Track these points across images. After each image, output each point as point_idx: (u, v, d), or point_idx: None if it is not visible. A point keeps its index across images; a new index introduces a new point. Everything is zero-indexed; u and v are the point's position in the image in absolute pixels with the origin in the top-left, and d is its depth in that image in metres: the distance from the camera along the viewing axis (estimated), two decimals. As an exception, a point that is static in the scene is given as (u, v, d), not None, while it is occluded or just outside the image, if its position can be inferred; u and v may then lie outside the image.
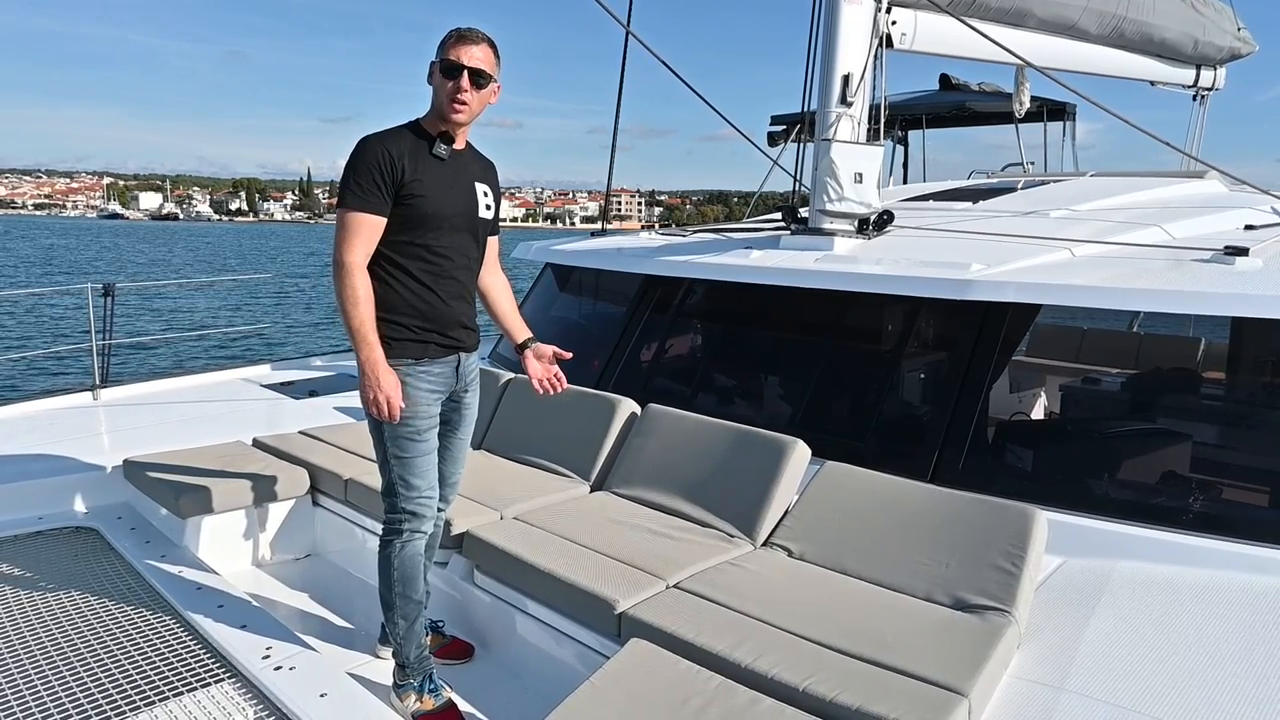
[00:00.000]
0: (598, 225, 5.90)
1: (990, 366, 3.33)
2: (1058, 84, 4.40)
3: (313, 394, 5.28)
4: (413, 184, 2.39)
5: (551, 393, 2.82)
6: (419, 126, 2.49)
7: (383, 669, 2.82)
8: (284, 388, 5.46)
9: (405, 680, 2.53)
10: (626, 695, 2.02)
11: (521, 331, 2.84)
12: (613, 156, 5.64)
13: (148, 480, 3.53)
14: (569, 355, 2.81)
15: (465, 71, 2.40)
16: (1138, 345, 5.94)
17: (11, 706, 2.26)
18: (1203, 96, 6.42)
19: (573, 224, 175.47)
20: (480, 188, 2.59)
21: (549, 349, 2.82)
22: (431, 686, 2.54)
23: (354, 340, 2.35)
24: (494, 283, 2.83)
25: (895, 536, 2.70)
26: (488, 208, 2.61)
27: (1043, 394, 5.18)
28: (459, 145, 2.53)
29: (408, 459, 2.48)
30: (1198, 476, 3.07)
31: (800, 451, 3.05)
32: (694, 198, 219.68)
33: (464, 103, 2.42)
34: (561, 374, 2.83)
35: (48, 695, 2.31)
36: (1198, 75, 6.12)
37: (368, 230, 2.37)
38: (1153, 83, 5.94)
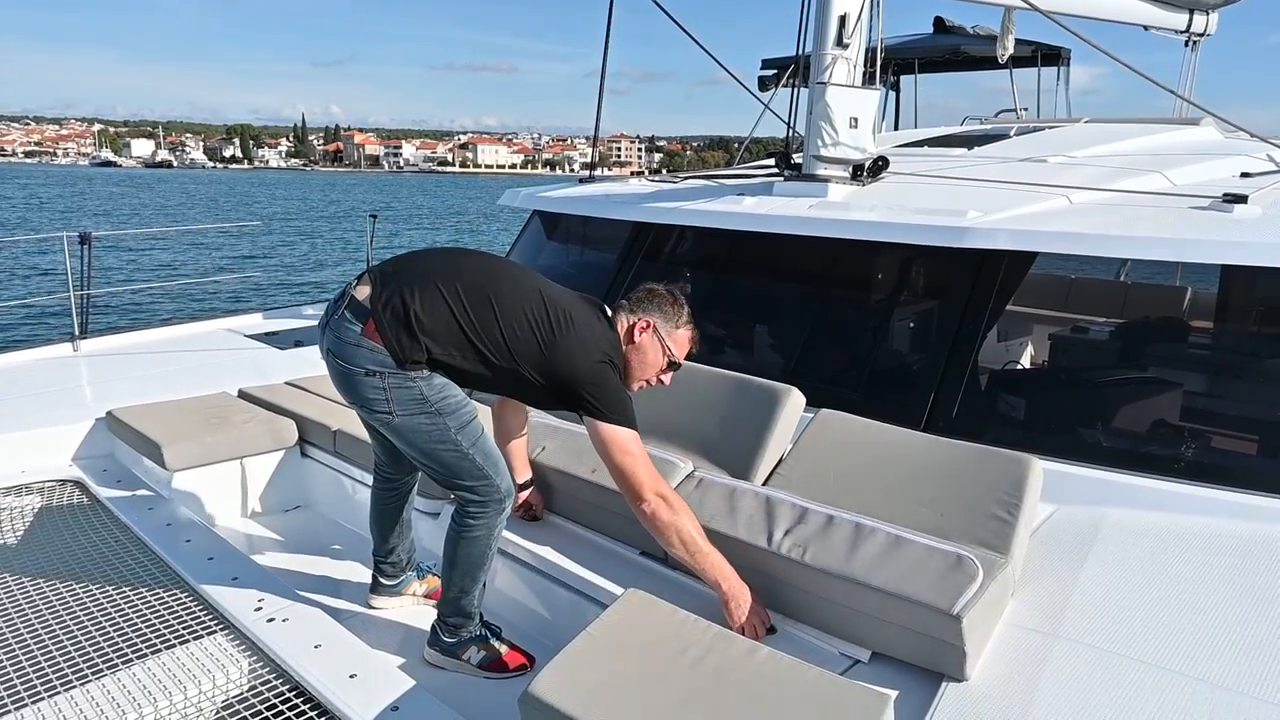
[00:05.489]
0: (598, 171, 5.76)
1: (986, 315, 3.29)
2: (1056, 24, 4.29)
3: (299, 344, 5.21)
4: None
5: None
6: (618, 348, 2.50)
7: (375, 620, 2.82)
8: (270, 338, 5.38)
9: (460, 635, 2.52)
10: (624, 645, 2.01)
11: (524, 471, 2.95)
12: (600, 100, 5.49)
13: (131, 432, 3.48)
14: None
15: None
16: (1126, 293, 5.92)
17: (1, 662, 2.23)
18: (1195, 42, 6.29)
19: (571, 170, 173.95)
20: None
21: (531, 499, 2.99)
22: (494, 629, 2.58)
23: (713, 574, 2.34)
24: (519, 422, 2.92)
25: (890, 484, 2.68)
26: None
27: (1030, 343, 5.16)
28: None
29: (481, 438, 2.42)
30: (1190, 425, 3.07)
31: (795, 399, 3.02)
32: (694, 143, 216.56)
33: (651, 386, 2.59)
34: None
35: (38, 649, 2.29)
36: (1190, 20, 6.00)
37: None
38: (1146, 27, 5.82)
